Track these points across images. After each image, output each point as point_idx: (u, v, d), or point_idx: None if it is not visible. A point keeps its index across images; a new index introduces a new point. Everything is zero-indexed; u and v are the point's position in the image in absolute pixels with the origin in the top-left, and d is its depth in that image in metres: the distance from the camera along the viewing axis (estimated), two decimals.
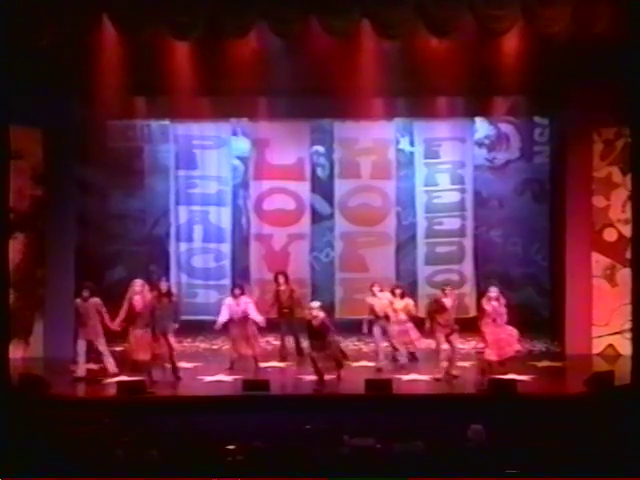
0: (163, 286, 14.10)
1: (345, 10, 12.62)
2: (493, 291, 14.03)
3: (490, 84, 15.50)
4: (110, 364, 13.98)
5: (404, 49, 14.16)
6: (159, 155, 18.37)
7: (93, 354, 14.14)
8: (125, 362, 14.04)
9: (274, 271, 16.30)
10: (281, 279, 15.71)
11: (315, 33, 13.06)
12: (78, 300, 13.99)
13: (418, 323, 14.61)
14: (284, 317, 15.48)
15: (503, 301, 14.01)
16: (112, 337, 14.30)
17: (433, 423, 10.83)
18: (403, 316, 14.65)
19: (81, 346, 13.89)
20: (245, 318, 14.45)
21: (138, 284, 14.11)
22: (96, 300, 13.93)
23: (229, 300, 14.66)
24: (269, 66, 14.85)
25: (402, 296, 14.86)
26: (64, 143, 15.70)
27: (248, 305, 14.52)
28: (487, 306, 13.95)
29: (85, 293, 13.93)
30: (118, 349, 14.50)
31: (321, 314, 13.47)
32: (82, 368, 13.87)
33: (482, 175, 18.35)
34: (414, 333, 14.68)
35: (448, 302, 13.93)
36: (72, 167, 16.18)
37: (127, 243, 18.36)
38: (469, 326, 15.05)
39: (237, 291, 14.72)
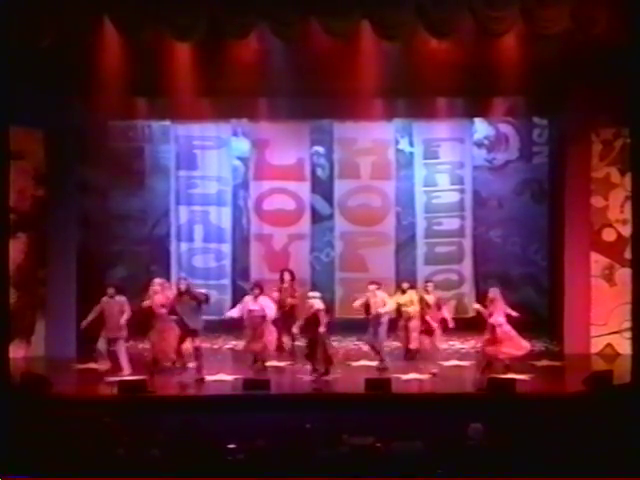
0: (182, 285, 13.96)
1: (345, 11, 12.68)
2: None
3: (489, 85, 15.56)
4: (125, 363, 13.98)
5: (404, 50, 14.23)
6: (160, 155, 18.41)
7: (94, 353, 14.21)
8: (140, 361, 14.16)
9: (276, 270, 16.32)
10: (287, 276, 15.79)
11: (315, 34, 13.13)
12: (104, 298, 13.98)
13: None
14: (284, 315, 15.39)
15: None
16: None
17: (432, 422, 10.87)
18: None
19: (102, 343, 13.95)
20: (261, 318, 14.24)
21: (157, 283, 14.22)
22: (121, 298, 14.02)
23: (248, 298, 14.47)
24: (269, 67, 14.94)
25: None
26: (65, 144, 15.74)
27: (266, 307, 14.31)
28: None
29: (110, 291, 13.99)
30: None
31: (317, 304, 13.41)
32: (104, 364, 13.94)
33: (481, 175, 18.40)
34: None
35: (431, 299, 14.04)
36: (73, 167, 16.21)
37: (128, 243, 18.38)
38: (468, 326, 15.08)
39: (256, 291, 14.45)
